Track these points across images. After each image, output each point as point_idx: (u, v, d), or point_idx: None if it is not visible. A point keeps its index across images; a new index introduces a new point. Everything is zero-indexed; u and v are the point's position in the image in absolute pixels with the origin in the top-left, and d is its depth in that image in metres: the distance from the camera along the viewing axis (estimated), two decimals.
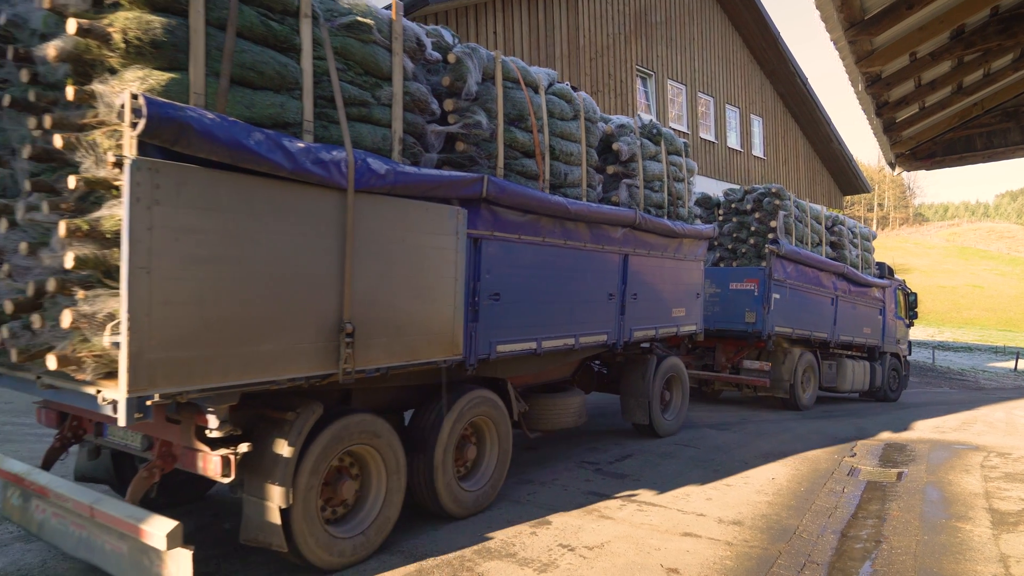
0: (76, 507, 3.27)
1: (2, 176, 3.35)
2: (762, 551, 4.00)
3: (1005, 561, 3.90)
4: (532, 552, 3.89)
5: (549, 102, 5.20)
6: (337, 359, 3.46)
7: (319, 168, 3.31)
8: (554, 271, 5.26)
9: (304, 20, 3.45)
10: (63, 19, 2.88)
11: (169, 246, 2.78)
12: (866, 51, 4.88)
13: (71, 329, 2.77)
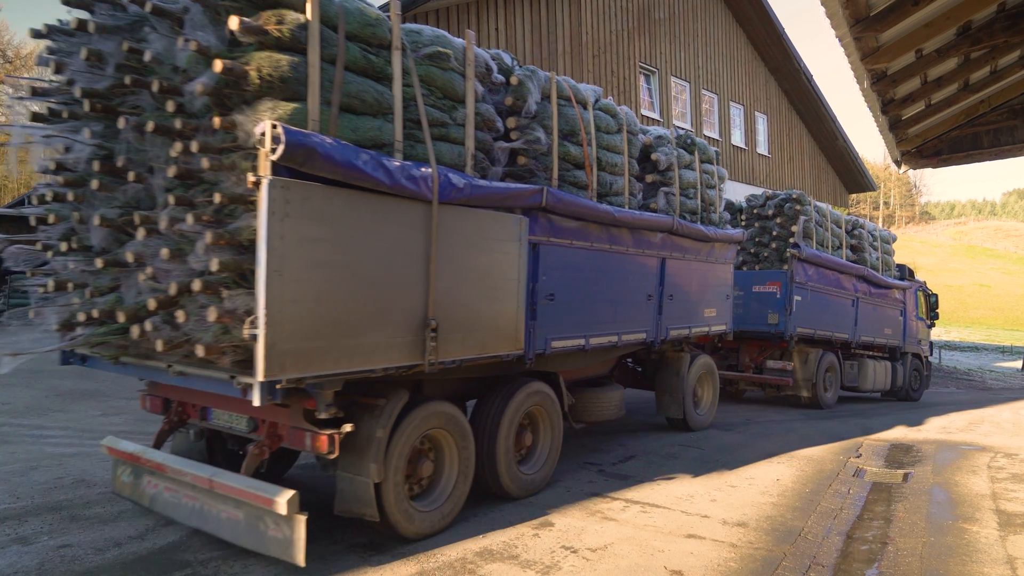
0: (195, 480, 3.76)
1: (137, 191, 3.79)
2: (767, 553, 4.01)
3: (1012, 563, 3.90)
4: (534, 554, 3.89)
5: (596, 117, 5.68)
6: (423, 352, 3.98)
7: (411, 183, 3.80)
8: (600, 274, 5.75)
9: (395, 52, 3.96)
10: (206, 59, 3.32)
11: (296, 252, 3.28)
12: (872, 48, 4.87)
13: (215, 323, 3.21)
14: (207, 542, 3.97)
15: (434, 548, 3.94)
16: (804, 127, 23.31)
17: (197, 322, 3.28)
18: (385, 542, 4.02)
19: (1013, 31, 5.01)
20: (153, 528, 4.19)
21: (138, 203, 3.82)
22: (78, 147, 3.95)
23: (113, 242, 3.87)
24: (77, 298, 4.02)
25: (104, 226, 3.74)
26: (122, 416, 8.09)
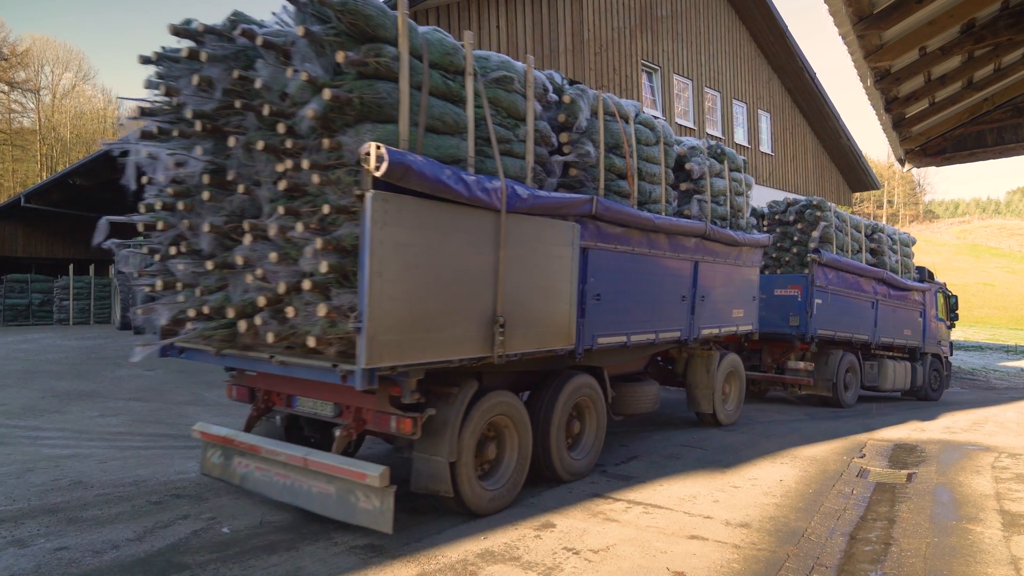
0: (289, 459, 4.24)
1: (242, 201, 4.27)
2: (770, 554, 4.02)
3: (1016, 563, 3.91)
4: (536, 555, 3.90)
5: (637, 131, 6.22)
6: (492, 345, 4.47)
7: (484, 195, 4.29)
8: (640, 276, 6.26)
9: (468, 77, 4.49)
10: (314, 87, 3.80)
11: (392, 256, 3.77)
12: (875, 46, 4.88)
13: (323, 318, 3.67)
14: (206, 544, 3.99)
15: (434, 549, 3.95)
16: (807, 125, 23.30)
17: (305, 317, 3.79)
18: (385, 544, 4.03)
19: (1017, 28, 5.02)
20: (151, 530, 4.20)
21: (243, 212, 4.31)
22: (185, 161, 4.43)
23: (218, 247, 4.38)
24: (183, 296, 4.60)
25: (212, 232, 4.27)
26: (119, 417, 8.10)
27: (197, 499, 4.85)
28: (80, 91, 47.82)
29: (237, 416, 8.39)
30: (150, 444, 6.76)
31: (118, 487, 5.13)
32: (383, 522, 3.87)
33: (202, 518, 4.43)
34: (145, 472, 5.60)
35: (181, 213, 4.55)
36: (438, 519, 4.50)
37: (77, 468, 5.68)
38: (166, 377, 11.02)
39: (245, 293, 4.18)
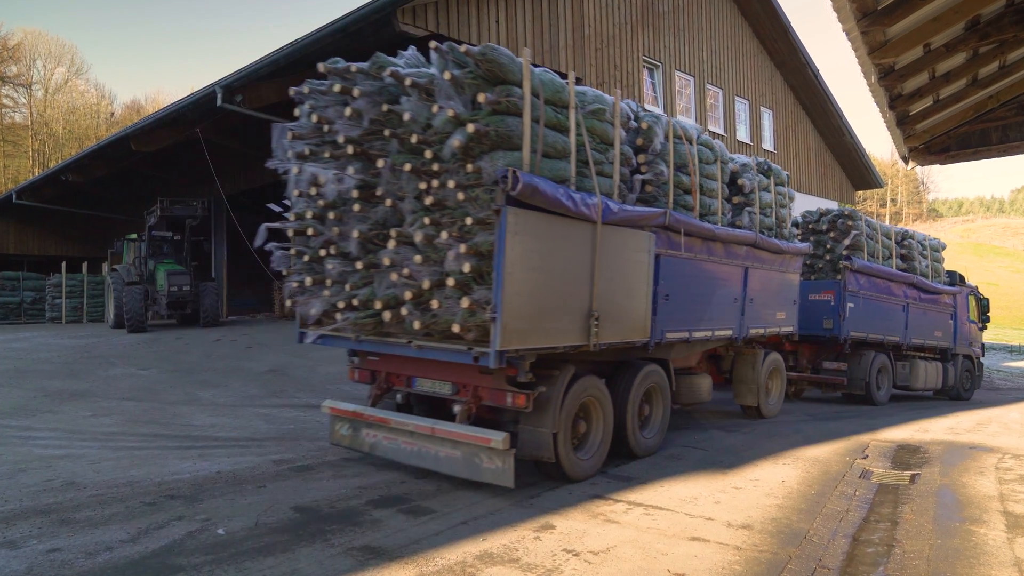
0: (417, 428, 5.16)
1: (386, 212, 5.17)
2: (772, 556, 4.02)
3: (1020, 565, 3.92)
4: (536, 557, 3.91)
5: (699, 151, 7.08)
6: (588, 335, 5.37)
7: (586, 209, 5.19)
8: (700, 280, 7.12)
9: (571, 110, 5.36)
10: (456, 121, 4.70)
11: (519, 259, 4.67)
12: (879, 42, 4.88)
13: (465, 309, 4.58)
14: (200, 546, 3.99)
15: (432, 551, 3.96)
16: (810, 122, 23.31)
17: (446, 308, 4.69)
18: (382, 545, 4.03)
19: (1022, 25, 5.02)
20: (145, 531, 4.20)
21: (385, 222, 5.20)
22: (338, 178, 5.31)
23: (362, 250, 5.29)
24: (328, 291, 5.52)
25: (360, 238, 5.21)
26: (112, 417, 8.10)
27: (192, 500, 4.85)
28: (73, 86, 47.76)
29: (232, 417, 8.39)
30: (144, 444, 6.76)
31: (111, 488, 5.13)
32: (506, 479, 4.81)
33: (197, 519, 4.43)
34: (139, 473, 5.59)
35: (331, 222, 5.48)
36: (435, 520, 4.51)
37: (70, 468, 5.68)
38: (160, 377, 11.02)
39: (388, 288, 5.09)
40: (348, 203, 5.36)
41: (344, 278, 5.44)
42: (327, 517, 4.53)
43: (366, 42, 12.80)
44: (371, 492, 5.13)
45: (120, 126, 40.33)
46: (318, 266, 5.67)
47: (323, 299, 5.55)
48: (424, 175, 4.85)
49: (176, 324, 18.65)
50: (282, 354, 13.43)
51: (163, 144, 17.79)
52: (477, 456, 4.92)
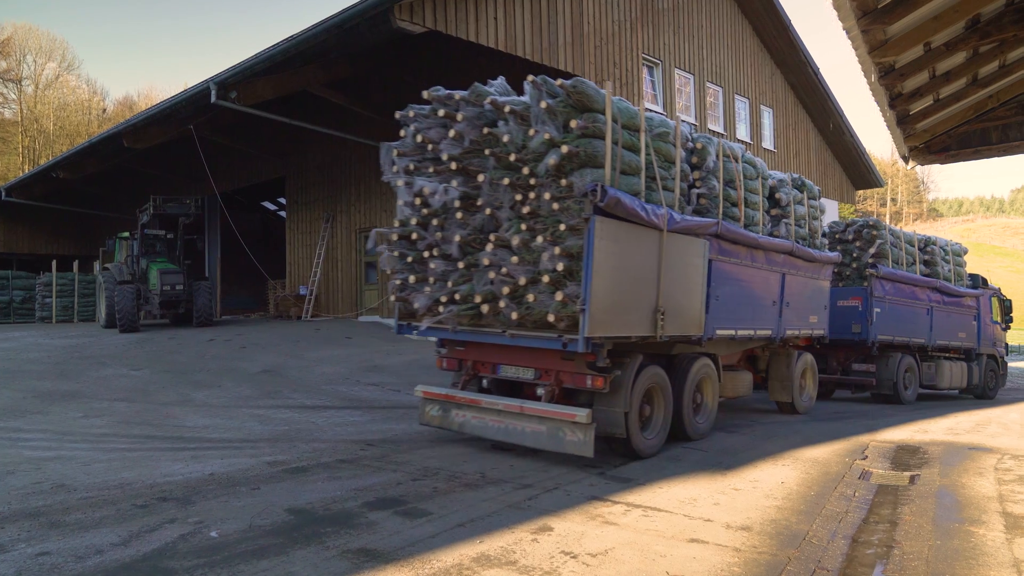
0: (506, 407, 6.09)
1: (484, 219, 6.03)
2: (771, 557, 4.04)
3: (1018, 566, 3.94)
4: (533, 559, 3.91)
5: (744, 168, 7.99)
6: (655, 328, 6.29)
7: (655, 218, 6.10)
8: (743, 283, 7.93)
9: (642, 133, 6.30)
10: (550, 143, 5.64)
11: (605, 260, 5.56)
12: (879, 40, 4.90)
13: (558, 302, 5.43)
14: (193, 549, 3.98)
15: (429, 553, 3.96)
16: (811, 121, 23.36)
17: (541, 302, 5.56)
18: (379, 548, 4.04)
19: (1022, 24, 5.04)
20: (137, 534, 4.19)
21: (483, 228, 6.09)
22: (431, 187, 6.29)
23: (462, 252, 6.15)
24: (429, 288, 6.40)
25: (461, 242, 6.09)
26: (104, 418, 8.08)
27: (184, 502, 4.84)
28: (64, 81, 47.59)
29: (225, 418, 8.38)
30: (136, 446, 6.74)
31: (102, 490, 5.12)
32: (587, 450, 5.69)
33: (189, 522, 4.42)
34: (130, 475, 5.58)
35: (434, 228, 6.37)
36: (431, 522, 4.51)
37: (60, 471, 5.66)
38: (152, 377, 10.99)
39: (486, 285, 5.95)
40: (450, 212, 6.26)
41: (446, 276, 6.31)
42: (322, 519, 4.53)
43: (363, 38, 12.81)
44: (367, 494, 5.14)
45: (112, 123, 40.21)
46: (419, 267, 6.56)
47: (426, 295, 6.44)
48: (520, 188, 5.80)
49: (169, 324, 18.60)
50: (276, 354, 13.41)
51: (156, 141, 17.76)
52: (561, 430, 5.83)
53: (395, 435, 7.53)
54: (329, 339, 15.80)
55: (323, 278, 20.52)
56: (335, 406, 9.46)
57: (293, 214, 22.02)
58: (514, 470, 5.94)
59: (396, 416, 8.81)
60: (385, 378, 11.54)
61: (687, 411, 7.03)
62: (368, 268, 19.66)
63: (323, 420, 8.41)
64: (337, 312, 20.07)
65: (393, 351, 14.24)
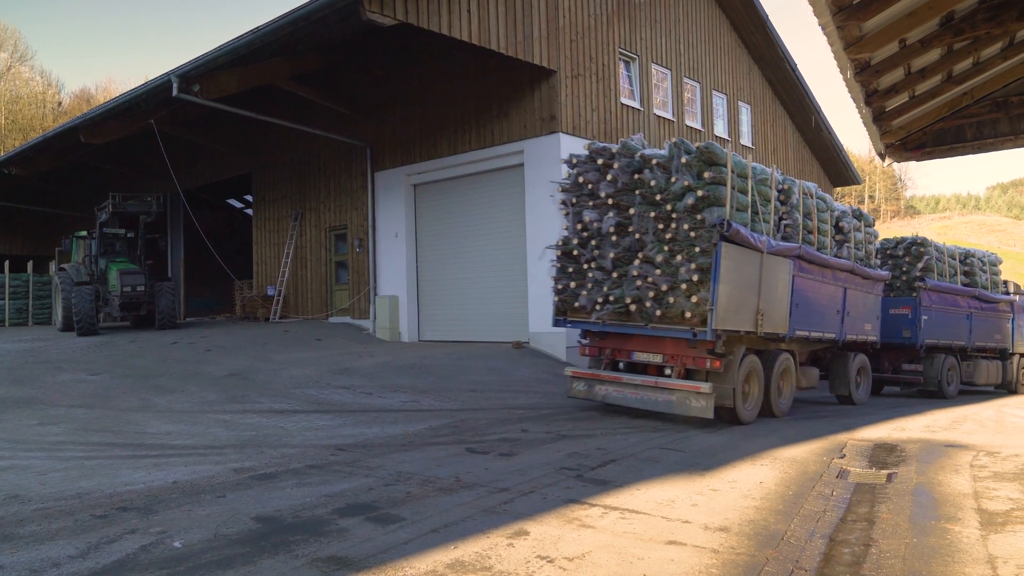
0: (644, 382, 8.31)
1: (633, 241, 8.27)
2: (749, 558, 4.10)
3: (993, 562, 4.06)
4: (508, 565, 3.92)
5: (817, 203, 10.14)
6: (756, 325, 8.54)
7: (759, 244, 8.25)
8: (816, 295, 9.95)
9: (748, 180, 8.50)
10: (687, 188, 7.91)
11: (726, 274, 7.80)
12: (855, 37, 4.99)
13: (694, 303, 7.70)
14: (155, 560, 3.91)
15: (402, 560, 3.94)
16: (788, 118, 23.72)
17: (679, 302, 7.82)
18: (349, 556, 4.01)
19: (995, 22, 5.19)
20: (96, 546, 4.11)
21: (631, 247, 8.36)
22: (591, 216, 8.69)
23: (615, 265, 8.46)
24: (586, 292, 8.68)
25: (614, 258, 8.43)
26: (61, 425, 7.90)
27: (146, 512, 4.76)
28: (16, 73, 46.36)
29: (189, 424, 8.24)
30: (95, 454, 6.61)
31: (59, 500, 5.01)
32: (708, 413, 8.01)
33: (151, 532, 4.35)
34: (89, 484, 5.47)
35: (592, 247, 8.76)
36: (404, 528, 4.49)
37: (13, 481, 5.52)
38: (112, 382, 10.77)
39: (634, 290, 8.24)
40: (606, 235, 8.62)
41: (601, 283, 8.64)
42: (291, 527, 4.48)
43: (331, 31, 12.69)
44: (337, 500, 5.10)
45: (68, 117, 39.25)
46: (579, 276, 8.92)
47: (584, 297, 8.76)
48: (662, 219, 8.15)
49: (130, 326, 18.25)
50: (243, 357, 13.24)
51: (115, 136, 17.40)
52: (688, 399, 8.14)
53: (367, 439, 7.48)
54: (298, 341, 15.63)
55: (292, 278, 20.30)
56: (304, 410, 9.37)
57: (260, 212, 21.74)
58: (489, 473, 5.95)
59: (368, 420, 8.76)
60: (356, 381, 11.45)
61: (774, 393, 9.29)
62: (339, 268, 19.51)
63: (292, 425, 8.33)
64: (306, 313, 19.86)
65: (364, 353, 14.14)
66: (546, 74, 14.34)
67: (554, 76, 14.32)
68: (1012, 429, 9.49)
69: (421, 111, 16.81)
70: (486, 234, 15.99)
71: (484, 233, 16.02)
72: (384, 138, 17.68)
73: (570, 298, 8.97)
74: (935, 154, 7.72)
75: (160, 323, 17.14)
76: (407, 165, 17.18)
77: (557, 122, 14.26)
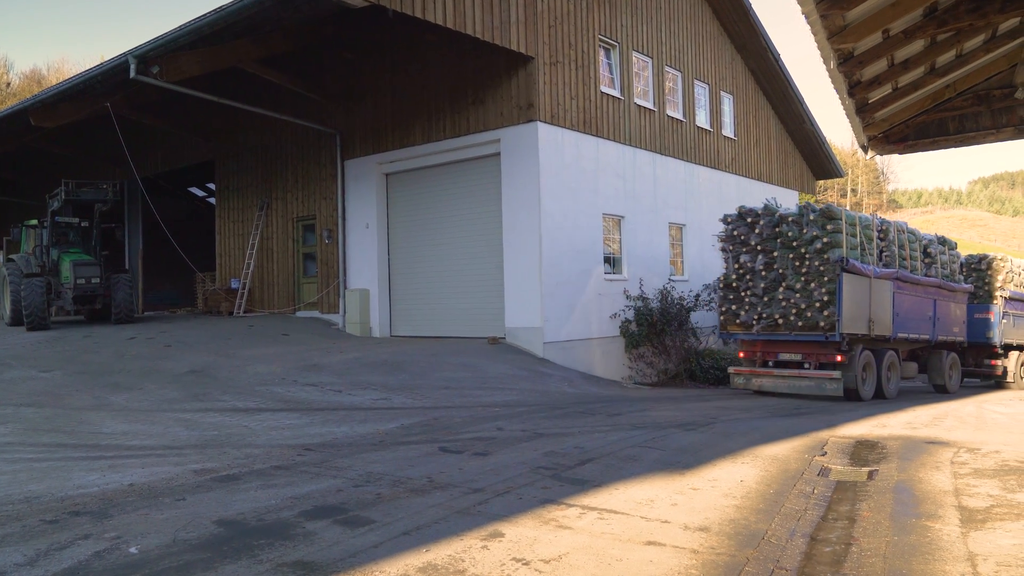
0: (790, 374, 12.33)
1: (777, 275, 12.28)
2: (729, 558, 4.14)
3: (972, 560, 4.16)
4: (483, 568, 3.91)
5: (908, 237, 13.72)
6: (869, 329, 12.23)
7: (867, 272, 12.10)
8: (911, 306, 13.45)
9: (856, 227, 12.38)
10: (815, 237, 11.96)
11: (847, 295, 11.80)
12: (838, 26, 5.05)
13: (825, 315, 11.70)
14: (109, 567, 3.83)
15: (371, 564, 3.91)
16: (771, 108, 23.97)
17: (814, 315, 11.74)
18: (316, 560, 3.97)
19: (978, 14, 5.28)
20: (45, 553, 4.01)
21: (776, 279, 12.24)
22: (745, 259, 12.65)
23: (764, 292, 12.37)
24: (743, 312, 12.58)
25: (764, 287, 12.33)
26: (8, 425, 7.71)
27: (100, 516, 4.66)
28: None
29: (147, 423, 8.09)
30: (45, 455, 6.46)
31: (6, 505, 4.88)
32: (839, 392, 11.66)
33: (105, 537, 4.26)
34: (38, 487, 5.34)
35: (747, 279, 12.46)
36: (374, 531, 4.46)
37: None
38: (65, 379, 10.53)
39: (781, 309, 12.03)
40: (757, 271, 12.41)
41: (755, 306, 12.45)
42: (254, 531, 4.42)
43: (299, 11, 12.51)
44: (304, 502, 5.04)
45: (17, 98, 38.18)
46: (736, 301, 12.71)
47: (743, 316, 12.58)
48: (798, 259, 11.96)
49: (84, 321, 17.86)
50: (205, 353, 13.04)
51: (68, 120, 16.96)
52: (823, 383, 11.76)
53: (335, 439, 7.42)
54: (263, 336, 15.44)
55: (257, 270, 20.03)
56: (270, 408, 9.26)
57: (224, 201, 21.39)
58: (463, 473, 5.93)
59: (337, 418, 8.68)
60: (325, 378, 11.35)
61: (883, 380, 12.72)
62: (307, 260, 19.30)
63: (256, 424, 8.22)
64: (272, 307, 19.62)
65: (334, 348, 14.02)
66: (523, 60, 14.29)
67: (532, 63, 14.28)
68: (992, 425, 9.74)
69: (394, 97, 16.66)
70: (461, 226, 15.93)
71: (459, 225, 15.95)
72: (355, 125, 17.49)
73: (731, 317, 12.72)
74: (918, 147, 7.86)
75: (116, 317, 16.80)
76: (379, 153, 17.02)
77: (535, 110, 14.24)
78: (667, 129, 18.60)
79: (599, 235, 16.04)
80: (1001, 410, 11.85)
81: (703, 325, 17.67)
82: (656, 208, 18.03)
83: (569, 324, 14.97)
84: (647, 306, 16.11)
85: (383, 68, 16.87)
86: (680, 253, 19.26)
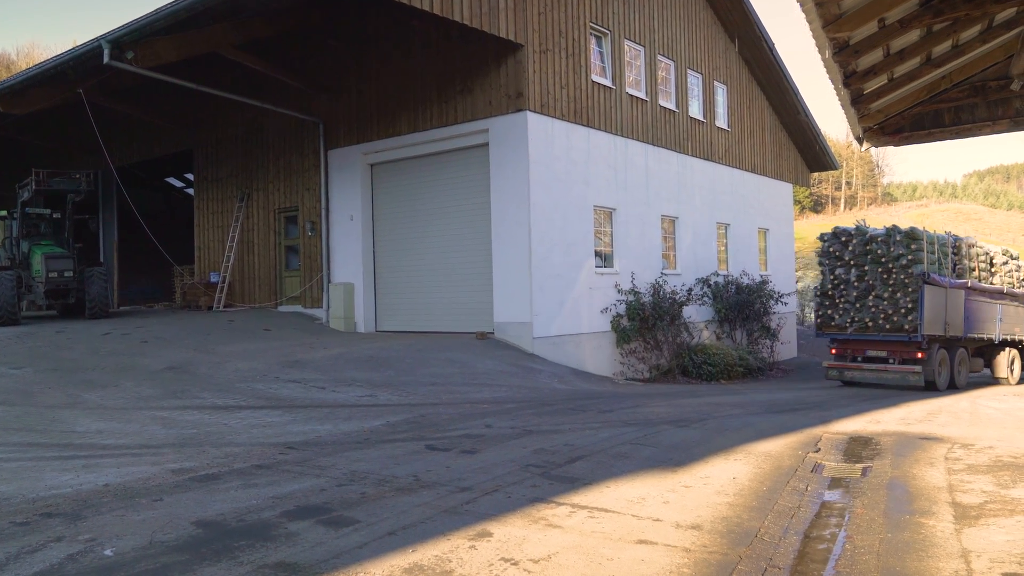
0: (878, 368, 14.35)
1: (867, 285, 14.40)
2: (722, 556, 4.17)
3: (966, 556, 4.21)
4: (470, 568, 3.92)
5: (976, 251, 16.38)
6: (945, 330, 14.26)
7: (944, 283, 14.30)
8: (979, 310, 15.48)
9: (935, 244, 14.69)
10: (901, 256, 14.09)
11: (928, 302, 13.85)
12: (834, 15, 5.06)
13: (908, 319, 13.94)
14: (83, 570, 3.80)
15: (356, 565, 3.90)
16: (765, 99, 24.05)
17: (899, 320, 13.84)
18: (299, 562, 3.95)
19: (974, 4, 5.32)
20: (16, 556, 3.97)
21: (866, 290, 14.35)
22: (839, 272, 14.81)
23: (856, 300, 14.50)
24: (838, 315, 14.68)
25: (856, 296, 14.50)
26: None
27: (73, 518, 4.61)
28: None
29: (122, 422, 8.02)
30: (15, 455, 6.38)
31: None
32: (920, 383, 13.70)
33: (79, 540, 4.22)
34: (8, 488, 5.28)
35: (842, 289, 14.60)
36: (358, 532, 4.45)
37: None
38: (36, 377, 10.42)
39: (871, 314, 14.12)
40: (850, 283, 14.33)
41: (848, 311, 14.34)
42: (234, 532, 4.40)
43: None
44: (286, 502, 5.02)
45: None
46: (832, 307, 14.63)
47: (837, 319, 14.52)
48: (886, 272, 13.89)
49: (57, 316, 17.67)
50: (184, 349, 12.94)
51: (39, 106, 16.71)
52: (906, 376, 13.62)
53: (319, 437, 7.39)
54: (244, 331, 15.35)
55: (237, 264, 19.88)
56: (251, 406, 9.20)
57: (202, 192, 21.20)
58: (451, 472, 5.93)
59: (320, 416, 8.65)
60: (307, 374, 11.30)
61: (955, 373, 14.70)
62: (289, 253, 19.18)
63: (237, 422, 8.17)
64: (253, 301, 19.50)
65: (317, 344, 13.96)
66: (513, 48, 14.25)
67: (521, 51, 14.23)
68: (986, 421, 9.86)
69: (379, 85, 16.56)
70: (448, 218, 15.89)
71: (446, 217, 15.91)
72: (338, 114, 17.37)
73: (827, 320, 14.78)
74: (913, 139, 7.92)
75: (91, 312, 16.63)
76: (363, 143, 16.93)
77: (524, 99, 14.20)
78: (659, 119, 18.61)
79: (590, 228, 16.05)
80: (995, 405, 12.01)
81: (696, 320, 17.73)
82: (648, 200, 18.07)
83: (559, 319, 14.98)
84: (639, 300, 16.16)
85: (368, 55, 16.76)
86: (673, 246, 19.31)
